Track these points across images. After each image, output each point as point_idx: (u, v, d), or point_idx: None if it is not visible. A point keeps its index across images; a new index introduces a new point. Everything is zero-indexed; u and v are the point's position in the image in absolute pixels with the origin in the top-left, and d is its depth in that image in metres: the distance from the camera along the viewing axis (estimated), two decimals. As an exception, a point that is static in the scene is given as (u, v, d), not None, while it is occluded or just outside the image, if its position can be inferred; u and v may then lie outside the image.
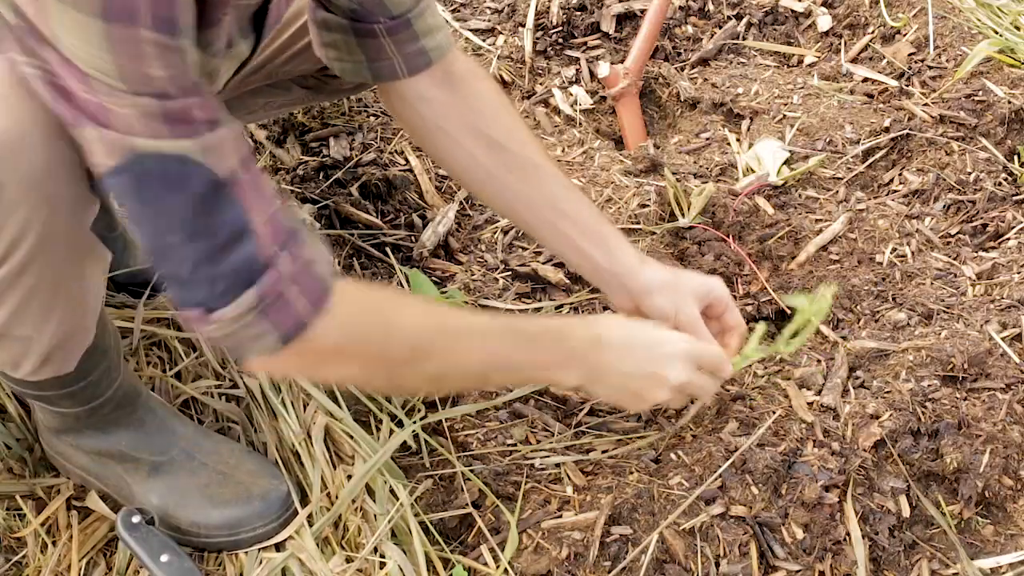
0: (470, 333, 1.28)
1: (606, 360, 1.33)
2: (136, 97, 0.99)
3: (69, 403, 1.41)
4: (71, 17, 0.95)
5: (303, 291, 1.11)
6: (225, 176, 1.05)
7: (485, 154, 1.49)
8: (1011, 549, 1.41)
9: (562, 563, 1.37)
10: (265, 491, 1.46)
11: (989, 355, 1.58)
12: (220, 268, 1.07)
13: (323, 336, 1.14)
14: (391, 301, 1.28)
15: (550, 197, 1.49)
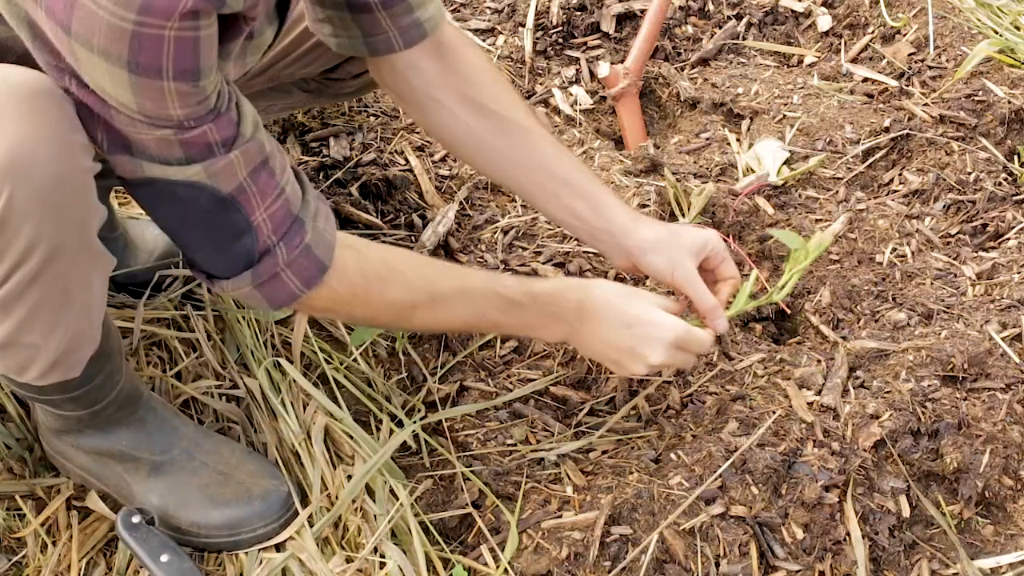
0: (456, 296, 1.36)
1: (589, 327, 1.38)
2: (154, 129, 1.08)
3: (72, 406, 1.41)
4: (99, 64, 1.01)
5: (296, 273, 1.25)
6: (230, 192, 1.16)
7: (475, 120, 1.51)
8: (1011, 549, 1.41)
9: (562, 563, 1.37)
10: (266, 492, 1.46)
11: (989, 355, 1.58)
12: (224, 255, 1.22)
13: (315, 302, 1.30)
14: (384, 268, 1.34)
15: (540, 159, 1.51)
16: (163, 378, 1.63)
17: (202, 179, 1.14)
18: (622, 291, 1.41)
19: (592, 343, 1.40)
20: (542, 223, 1.96)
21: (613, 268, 1.82)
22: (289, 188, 1.22)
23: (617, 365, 1.41)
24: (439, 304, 1.36)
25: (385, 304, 1.34)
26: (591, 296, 1.39)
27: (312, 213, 1.26)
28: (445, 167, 2.13)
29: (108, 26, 0.97)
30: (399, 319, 1.40)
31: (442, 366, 1.70)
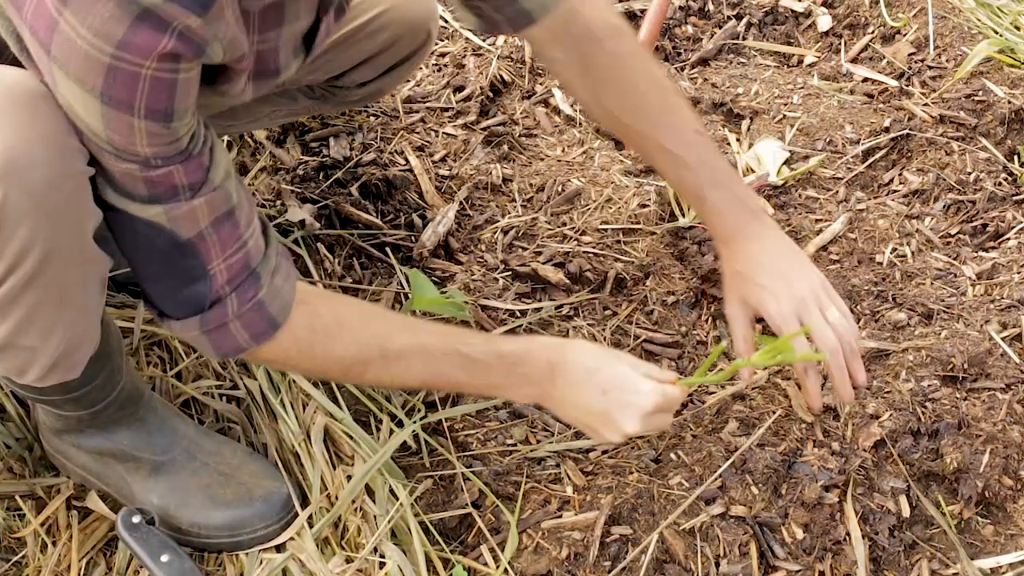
0: (412, 353, 1.30)
1: (560, 391, 1.31)
2: (120, 161, 1.07)
3: (73, 407, 1.41)
4: (73, 89, 1.01)
5: (246, 326, 1.23)
6: (189, 238, 1.14)
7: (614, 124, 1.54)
8: (1011, 549, 1.40)
9: (562, 563, 1.37)
10: (267, 493, 1.46)
11: (989, 355, 1.58)
12: (176, 296, 1.21)
13: (262, 355, 1.28)
14: (335, 323, 1.29)
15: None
16: (163, 378, 1.63)
17: (162, 221, 1.12)
18: (599, 353, 1.33)
19: (564, 408, 1.33)
20: (542, 223, 1.96)
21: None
22: (252, 242, 1.20)
23: (590, 431, 1.34)
24: (392, 361, 1.29)
25: (333, 359, 1.29)
26: (564, 358, 1.31)
27: (271, 268, 1.23)
28: (445, 167, 2.13)
29: (85, 55, 0.97)
30: (349, 375, 1.35)
31: (442, 366, 1.70)
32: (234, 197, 1.17)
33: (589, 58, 1.46)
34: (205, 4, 0.98)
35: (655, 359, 1.72)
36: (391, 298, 1.79)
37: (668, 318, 1.78)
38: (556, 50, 1.48)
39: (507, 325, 1.74)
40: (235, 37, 1.07)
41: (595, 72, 1.47)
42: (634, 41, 1.48)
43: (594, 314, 1.79)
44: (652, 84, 1.48)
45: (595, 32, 1.44)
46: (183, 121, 1.06)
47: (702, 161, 1.47)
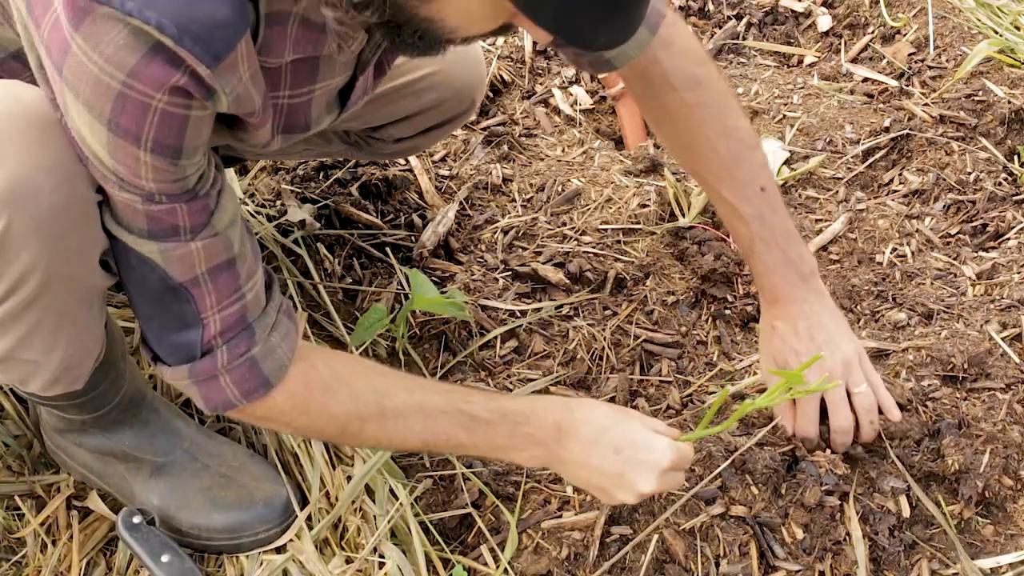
0: (411, 411, 1.25)
1: (568, 451, 1.25)
2: (121, 191, 1.05)
3: (77, 411, 1.41)
4: (83, 113, 0.98)
5: (236, 382, 1.19)
6: (182, 282, 1.11)
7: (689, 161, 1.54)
8: (1011, 549, 1.40)
9: (562, 563, 1.37)
10: (268, 496, 1.46)
11: (989, 355, 1.58)
12: (166, 340, 1.17)
13: (249, 414, 1.25)
14: (332, 378, 1.25)
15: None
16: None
17: (156, 259, 1.10)
18: (607, 411, 1.28)
19: (574, 469, 1.27)
20: (542, 223, 1.96)
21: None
22: (251, 295, 1.17)
23: (602, 492, 1.27)
24: (390, 419, 1.25)
25: (328, 417, 1.24)
26: (572, 416, 1.26)
27: (268, 325, 1.19)
28: (445, 167, 2.13)
29: (96, 80, 0.95)
30: (346, 433, 1.27)
31: (442, 366, 1.70)
32: (235, 247, 1.14)
33: (663, 104, 1.47)
34: (217, 56, 0.95)
35: (655, 359, 1.72)
36: (391, 298, 1.79)
37: (668, 318, 1.78)
38: (636, 87, 1.49)
39: (507, 325, 1.74)
40: (245, 93, 1.03)
41: (667, 117, 1.48)
42: (713, 91, 1.46)
43: (594, 314, 1.79)
44: (723, 135, 1.46)
45: (672, 82, 1.44)
46: (192, 160, 1.04)
47: (760, 217, 1.45)
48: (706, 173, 1.49)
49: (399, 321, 1.69)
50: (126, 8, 0.90)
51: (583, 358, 1.69)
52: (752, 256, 1.48)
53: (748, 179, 1.46)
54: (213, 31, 0.94)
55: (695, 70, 1.45)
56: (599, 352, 1.71)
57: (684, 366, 1.72)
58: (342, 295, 1.81)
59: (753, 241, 1.46)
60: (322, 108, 1.23)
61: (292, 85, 1.14)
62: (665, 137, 1.58)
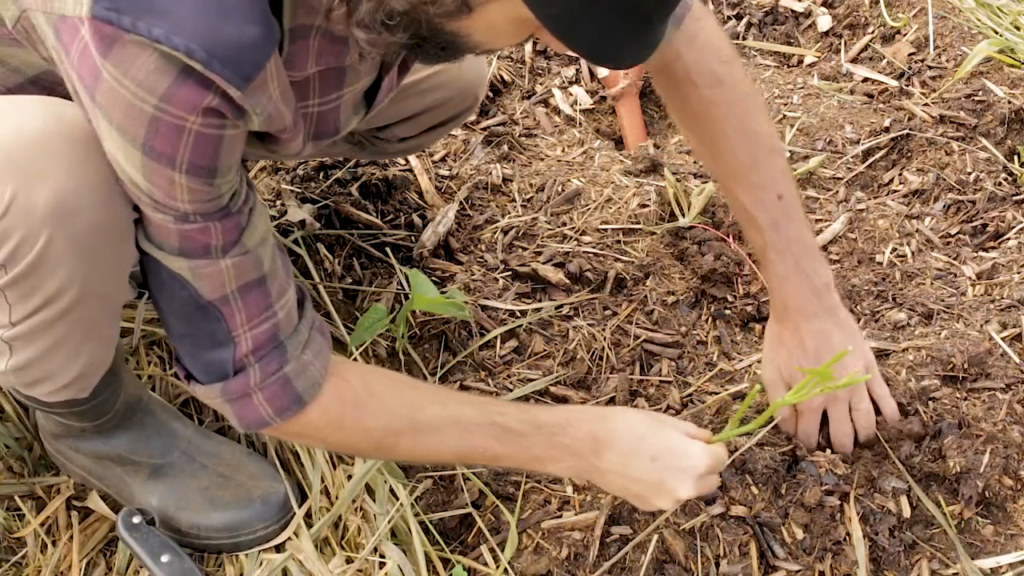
0: (446, 425, 1.25)
1: (606, 462, 1.25)
2: (155, 212, 1.05)
3: (76, 419, 1.42)
4: (116, 137, 0.99)
5: (269, 400, 1.19)
6: (211, 300, 1.11)
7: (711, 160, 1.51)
8: (1011, 549, 1.40)
9: (562, 563, 1.37)
10: (266, 494, 1.46)
11: (989, 355, 1.58)
12: (199, 358, 1.18)
13: (283, 431, 1.24)
14: (365, 393, 1.25)
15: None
16: (163, 377, 1.63)
17: (187, 276, 1.10)
18: (643, 419, 1.28)
19: (611, 478, 1.26)
20: (542, 223, 1.96)
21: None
22: (283, 313, 1.17)
23: (640, 500, 1.28)
24: (425, 432, 1.25)
25: (363, 432, 1.24)
26: (608, 427, 1.26)
27: (300, 343, 1.19)
28: (445, 167, 2.13)
29: (128, 105, 0.95)
30: (380, 448, 1.28)
31: (442, 366, 1.70)
32: (266, 265, 1.13)
33: (684, 101, 1.45)
34: (247, 77, 0.95)
35: (655, 359, 1.72)
36: (391, 298, 1.79)
37: (668, 318, 1.78)
38: (659, 80, 1.48)
39: (507, 325, 1.74)
40: (275, 111, 1.03)
41: (689, 114, 1.47)
42: (735, 91, 1.43)
43: (594, 314, 1.79)
44: (743, 137, 1.43)
45: (693, 78, 1.41)
46: (226, 178, 1.04)
47: (775, 226, 1.42)
48: (724, 174, 1.47)
49: (399, 321, 1.69)
50: (153, 35, 0.90)
51: (583, 358, 1.69)
52: (765, 265, 1.46)
53: (766, 185, 1.43)
54: (241, 53, 0.94)
55: (717, 68, 1.42)
56: (599, 352, 1.71)
57: (684, 366, 1.72)
58: (342, 295, 1.81)
59: (767, 250, 1.43)
60: (349, 111, 1.24)
61: (321, 93, 1.15)
62: (687, 133, 1.56)
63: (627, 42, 0.95)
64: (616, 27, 0.92)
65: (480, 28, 0.97)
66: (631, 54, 0.97)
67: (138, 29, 0.90)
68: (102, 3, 0.91)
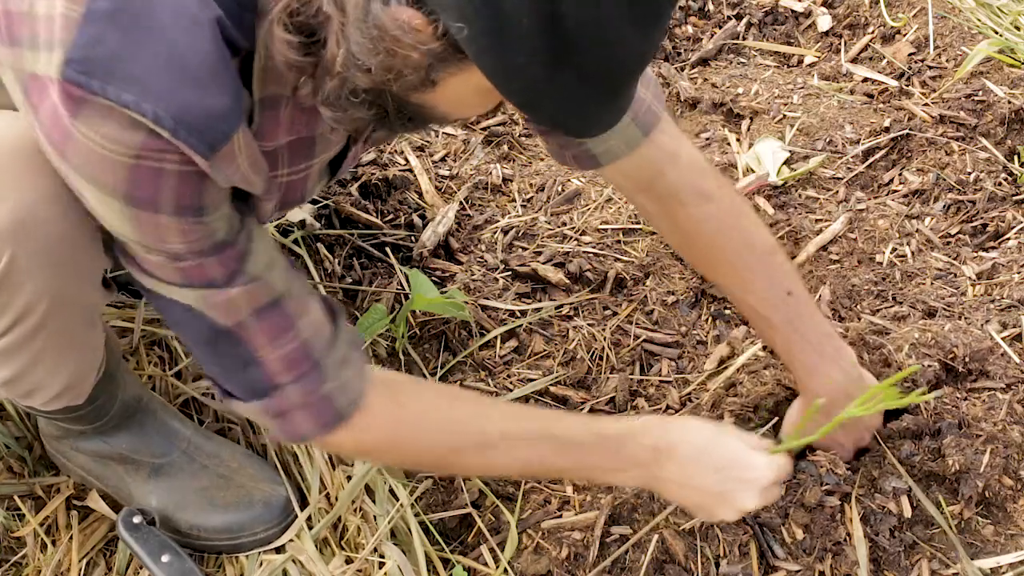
0: (507, 440, 1.23)
1: (668, 472, 1.24)
2: (149, 255, 1.03)
3: (75, 423, 1.42)
4: (94, 192, 0.97)
5: (311, 416, 1.16)
6: (229, 326, 1.09)
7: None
8: (1011, 549, 1.40)
9: (562, 563, 1.37)
10: (267, 496, 1.46)
11: (990, 354, 1.58)
12: (233, 380, 1.15)
13: (338, 444, 1.21)
14: (421, 411, 1.23)
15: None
16: (163, 376, 1.63)
17: (200, 306, 1.07)
18: (705, 429, 1.27)
19: (674, 488, 1.25)
20: (542, 223, 1.96)
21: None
22: (309, 332, 1.13)
23: (702, 510, 1.27)
24: (486, 449, 1.23)
25: (424, 450, 1.23)
26: (670, 438, 1.24)
27: (338, 360, 1.16)
28: (445, 167, 2.13)
29: (102, 158, 0.93)
30: (441, 465, 1.28)
31: (442, 366, 1.70)
32: (279, 287, 1.11)
33: (674, 219, 1.43)
34: (213, 147, 0.93)
35: (655, 359, 1.72)
36: (391, 298, 1.79)
37: (668, 318, 1.78)
38: (641, 199, 1.45)
39: (507, 325, 1.74)
40: (244, 181, 1.01)
41: (680, 232, 1.45)
42: (723, 204, 1.41)
43: (594, 314, 1.79)
44: (740, 248, 1.42)
45: (680, 196, 1.40)
46: (218, 212, 1.02)
47: (790, 323, 1.42)
48: (727, 284, 1.47)
49: (399, 321, 1.69)
50: (123, 100, 0.89)
51: (583, 358, 1.69)
52: (790, 360, 1.44)
53: (773, 287, 1.42)
54: (209, 122, 0.92)
55: (704, 184, 1.40)
56: (599, 352, 1.71)
57: (684, 366, 1.72)
58: (342, 295, 1.81)
59: (789, 346, 1.43)
60: (315, 179, 1.22)
61: (291, 163, 1.13)
62: (681, 250, 1.56)
63: (595, 112, 0.94)
64: (582, 99, 0.91)
65: (446, 100, 0.96)
66: (598, 123, 0.97)
67: (107, 94, 0.89)
68: (73, 65, 0.89)
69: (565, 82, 0.88)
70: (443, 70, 0.90)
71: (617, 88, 0.93)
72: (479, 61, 0.86)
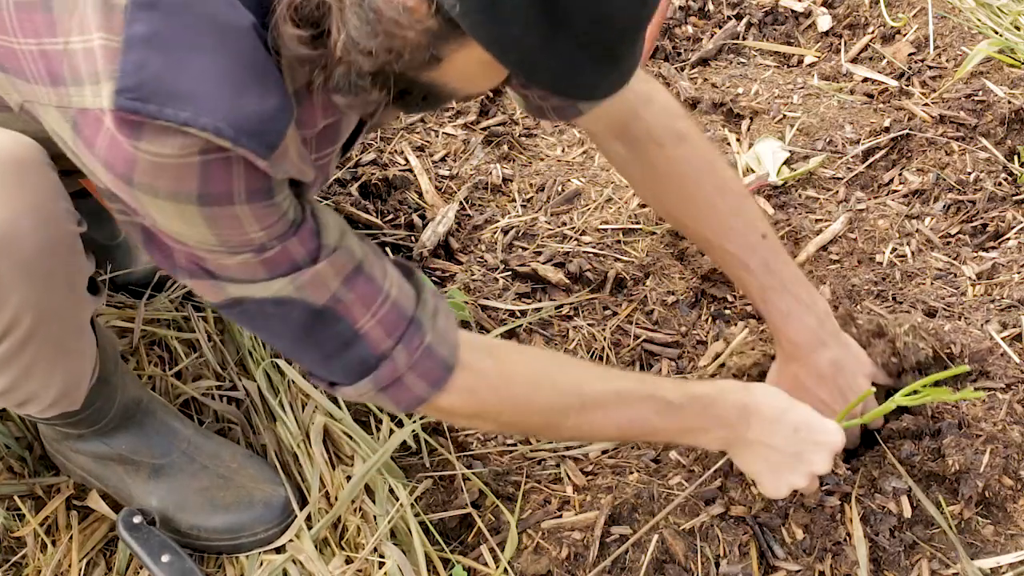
0: (610, 399, 1.26)
1: (752, 431, 1.29)
2: (234, 256, 1.04)
3: (73, 427, 1.42)
4: (166, 207, 0.98)
5: (421, 375, 1.17)
6: (324, 304, 1.09)
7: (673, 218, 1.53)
8: (1011, 549, 1.40)
9: (562, 563, 1.37)
10: (267, 496, 1.46)
11: (990, 353, 1.58)
12: (335, 366, 1.15)
13: (448, 406, 1.21)
14: (529, 371, 1.26)
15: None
16: (163, 376, 1.63)
17: (290, 293, 1.07)
18: (782, 394, 1.32)
19: (754, 449, 1.30)
20: (542, 223, 1.96)
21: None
22: (396, 291, 1.15)
23: (776, 475, 1.31)
24: (591, 408, 1.25)
25: (535, 409, 1.25)
26: (755, 399, 1.30)
27: (431, 312, 1.18)
28: (445, 167, 2.13)
29: (174, 167, 0.94)
30: (549, 425, 1.29)
31: (442, 366, 1.70)
32: (358, 253, 1.13)
33: (650, 161, 1.44)
34: (271, 145, 0.96)
35: (655, 359, 1.72)
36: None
37: (668, 318, 1.78)
38: (615, 145, 1.46)
39: (507, 325, 1.74)
40: (299, 169, 1.03)
41: (656, 175, 1.46)
42: (699, 145, 1.46)
43: (594, 314, 1.79)
44: (717, 189, 1.45)
45: (656, 138, 1.42)
46: (283, 193, 1.03)
47: (766, 265, 1.45)
48: (705, 229, 1.47)
49: (399, 321, 1.69)
50: (181, 119, 0.91)
51: (583, 358, 1.69)
52: (765, 305, 1.46)
53: (748, 229, 1.45)
54: (264, 124, 0.95)
55: (678, 125, 1.43)
56: (599, 352, 1.71)
57: (684, 366, 1.72)
58: (342, 295, 1.81)
59: (764, 291, 1.45)
60: (335, 162, 1.24)
61: (318, 148, 1.15)
62: (655, 197, 1.54)
63: (595, 78, 0.95)
64: (581, 65, 0.92)
65: (454, 76, 0.97)
66: (600, 88, 0.97)
67: (165, 115, 0.90)
68: (125, 94, 0.90)
69: (562, 49, 0.89)
70: (444, 47, 0.91)
71: (615, 52, 0.94)
72: (475, 35, 0.88)
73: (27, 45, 0.97)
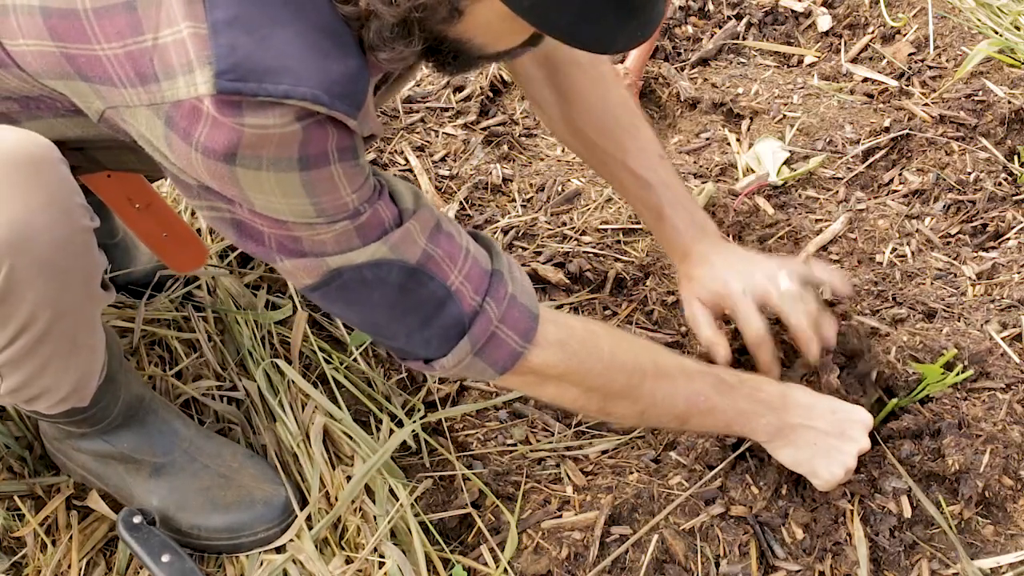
0: (677, 371, 1.30)
1: (795, 416, 1.34)
2: (332, 225, 1.07)
3: (77, 425, 1.42)
4: (271, 179, 1.01)
5: (512, 327, 1.20)
6: (417, 260, 1.13)
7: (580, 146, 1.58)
8: (1011, 549, 1.40)
9: (562, 563, 1.37)
10: (268, 496, 1.46)
11: (990, 354, 1.58)
12: (431, 331, 1.17)
13: (541, 362, 1.23)
14: (604, 331, 1.30)
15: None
16: (164, 376, 1.63)
17: (386, 255, 1.11)
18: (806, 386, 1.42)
19: (801, 433, 1.34)
20: (542, 223, 1.96)
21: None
22: (472, 247, 1.19)
23: (828, 458, 1.35)
24: (663, 377, 1.29)
25: (618, 366, 1.27)
26: (790, 388, 1.37)
27: (507, 265, 1.22)
28: (445, 167, 2.13)
29: (279, 136, 0.98)
30: (631, 387, 1.28)
31: (442, 366, 1.70)
32: (435, 212, 1.17)
33: (568, 80, 1.50)
34: (359, 104, 1.00)
35: (655, 359, 1.72)
36: (391, 298, 1.79)
37: (668, 318, 1.78)
38: (533, 68, 1.51)
39: (507, 325, 1.74)
40: (375, 126, 1.08)
41: (571, 92, 1.51)
42: (608, 68, 1.54)
43: (594, 314, 1.79)
44: (623, 106, 1.52)
45: (577, 58, 1.49)
46: (364, 156, 1.08)
47: (664, 183, 1.52)
48: (611, 144, 1.52)
49: (399, 321, 1.69)
50: (280, 92, 0.95)
51: (583, 358, 1.69)
52: (662, 222, 1.52)
53: (647, 148, 1.52)
54: (350, 85, 1.00)
55: (598, 60, 1.50)
56: (599, 352, 1.71)
57: (684, 366, 1.71)
58: (342, 295, 1.81)
59: (663, 207, 1.51)
60: None
61: (376, 104, 1.18)
62: (565, 113, 1.55)
63: (614, 27, 0.97)
64: (597, 13, 0.94)
65: (477, 30, 1.01)
66: (617, 39, 0.99)
67: (265, 91, 0.95)
68: (225, 76, 0.94)
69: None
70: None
71: (634, 1, 0.96)
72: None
73: (111, 49, 1.00)
